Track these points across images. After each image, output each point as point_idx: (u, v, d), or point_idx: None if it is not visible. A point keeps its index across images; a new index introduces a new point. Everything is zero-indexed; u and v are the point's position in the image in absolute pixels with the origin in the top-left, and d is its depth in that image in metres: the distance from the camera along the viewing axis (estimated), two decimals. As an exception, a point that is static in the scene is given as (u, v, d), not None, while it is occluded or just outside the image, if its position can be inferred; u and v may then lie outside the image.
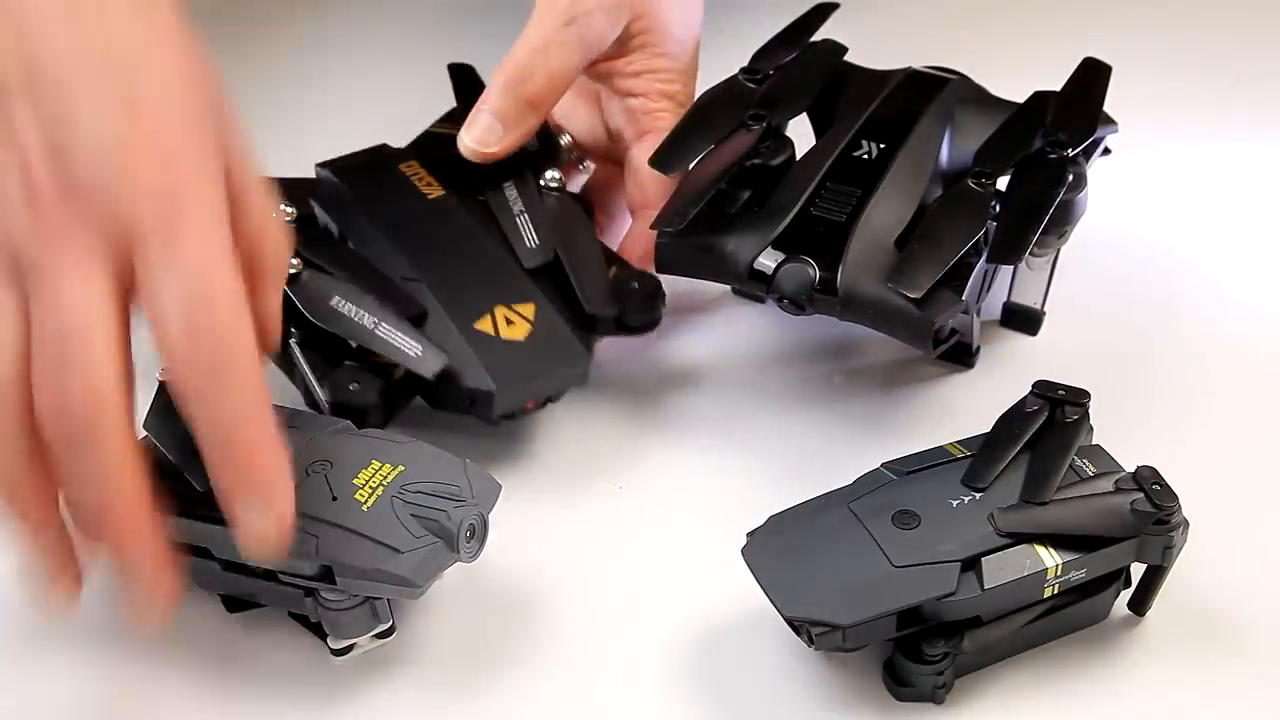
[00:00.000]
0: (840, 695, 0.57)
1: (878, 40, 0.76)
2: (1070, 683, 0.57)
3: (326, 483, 0.56)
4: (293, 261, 0.63)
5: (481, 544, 0.56)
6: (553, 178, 0.69)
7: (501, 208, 0.68)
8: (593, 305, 0.66)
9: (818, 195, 0.65)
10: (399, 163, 0.70)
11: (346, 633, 0.57)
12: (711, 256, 0.64)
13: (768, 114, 0.68)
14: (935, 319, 0.61)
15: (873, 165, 0.66)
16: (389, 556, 0.54)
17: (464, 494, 0.56)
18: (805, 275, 0.62)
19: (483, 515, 0.56)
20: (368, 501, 0.55)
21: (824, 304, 0.63)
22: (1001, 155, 0.66)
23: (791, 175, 0.66)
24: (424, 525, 0.55)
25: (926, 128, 0.67)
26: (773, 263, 0.63)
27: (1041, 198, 0.64)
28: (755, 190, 0.66)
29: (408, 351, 0.62)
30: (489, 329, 0.63)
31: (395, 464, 0.57)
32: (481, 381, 0.62)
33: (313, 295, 0.63)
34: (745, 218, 0.65)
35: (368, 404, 0.62)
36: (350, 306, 0.63)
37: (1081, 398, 0.60)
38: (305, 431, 0.58)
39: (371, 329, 0.62)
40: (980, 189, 0.64)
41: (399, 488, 0.56)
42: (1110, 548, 0.55)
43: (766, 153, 0.67)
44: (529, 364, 0.63)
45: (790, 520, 0.57)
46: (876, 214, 0.64)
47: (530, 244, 0.67)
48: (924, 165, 0.66)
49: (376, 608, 0.56)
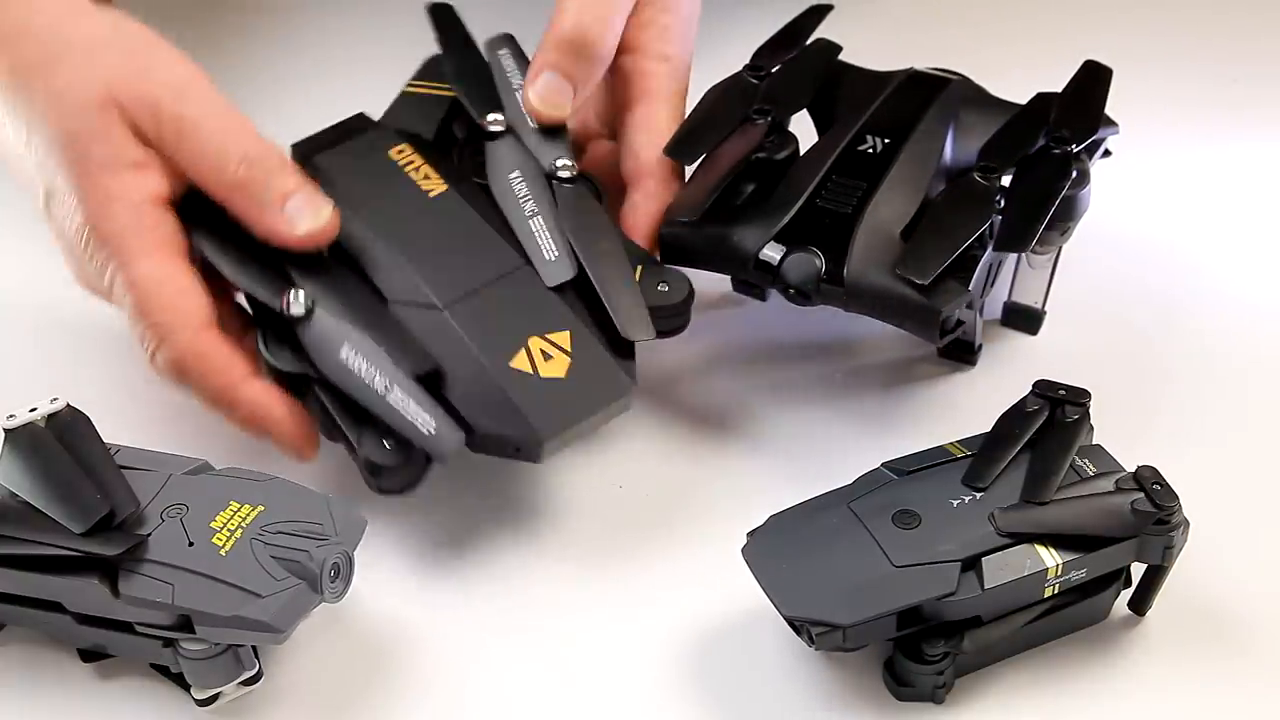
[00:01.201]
0: (840, 695, 0.57)
1: (877, 41, 0.76)
2: (1070, 683, 0.57)
3: (182, 527, 0.55)
4: (299, 299, 0.59)
5: (347, 583, 0.55)
6: (563, 165, 0.65)
7: (511, 208, 0.64)
8: (631, 331, 0.61)
9: (823, 188, 0.65)
10: (387, 147, 0.66)
11: (210, 682, 0.55)
12: (718, 248, 0.64)
13: (771, 109, 0.68)
14: (942, 308, 0.61)
15: (878, 159, 0.66)
16: (249, 601, 0.52)
17: (327, 532, 0.54)
18: (812, 265, 0.63)
19: (347, 553, 0.54)
20: (226, 545, 0.54)
21: (830, 294, 0.63)
22: (1006, 151, 0.66)
23: (796, 169, 0.66)
24: (285, 567, 0.53)
25: (930, 124, 0.67)
26: (778, 254, 0.63)
27: (1048, 189, 0.64)
28: (760, 184, 0.66)
29: (421, 429, 0.57)
30: (526, 366, 0.59)
31: (255, 504, 0.55)
32: (527, 431, 0.58)
33: (322, 344, 0.58)
34: (751, 210, 0.65)
35: (403, 463, 0.58)
36: (361, 363, 0.58)
37: (1082, 397, 0.60)
38: (159, 472, 0.57)
39: (382, 395, 0.57)
40: (985, 182, 0.64)
41: (259, 529, 0.54)
42: (1110, 547, 0.55)
43: (771, 147, 0.67)
44: (575, 405, 0.59)
45: (790, 520, 0.57)
46: (882, 206, 0.64)
47: (549, 256, 0.62)
48: (929, 160, 0.66)
49: (240, 655, 0.55)
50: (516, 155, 0.66)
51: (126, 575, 0.54)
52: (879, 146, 0.66)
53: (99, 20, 0.63)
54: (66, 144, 0.60)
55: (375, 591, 0.60)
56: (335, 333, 0.58)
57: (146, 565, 0.54)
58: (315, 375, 0.58)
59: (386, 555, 0.60)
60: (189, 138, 0.60)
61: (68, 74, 0.60)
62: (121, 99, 0.60)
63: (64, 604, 0.55)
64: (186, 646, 0.54)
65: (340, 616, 0.59)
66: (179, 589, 0.53)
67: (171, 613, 0.53)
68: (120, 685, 0.58)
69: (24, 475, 0.56)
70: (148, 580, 0.53)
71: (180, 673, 0.56)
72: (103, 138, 0.60)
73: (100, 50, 0.61)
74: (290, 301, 0.59)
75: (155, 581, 0.53)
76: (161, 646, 0.55)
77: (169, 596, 0.53)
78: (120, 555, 0.53)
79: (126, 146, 0.60)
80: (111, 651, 0.57)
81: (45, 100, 0.61)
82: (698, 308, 0.63)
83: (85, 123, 0.60)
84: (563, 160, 0.65)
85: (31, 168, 0.62)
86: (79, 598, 0.54)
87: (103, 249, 0.60)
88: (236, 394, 0.59)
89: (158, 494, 0.56)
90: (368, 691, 0.57)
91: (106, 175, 0.60)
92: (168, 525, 0.55)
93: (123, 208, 0.60)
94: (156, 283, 0.59)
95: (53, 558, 0.54)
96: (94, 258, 0.60)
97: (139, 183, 0.60)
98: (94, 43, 0.61)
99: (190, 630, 0.54)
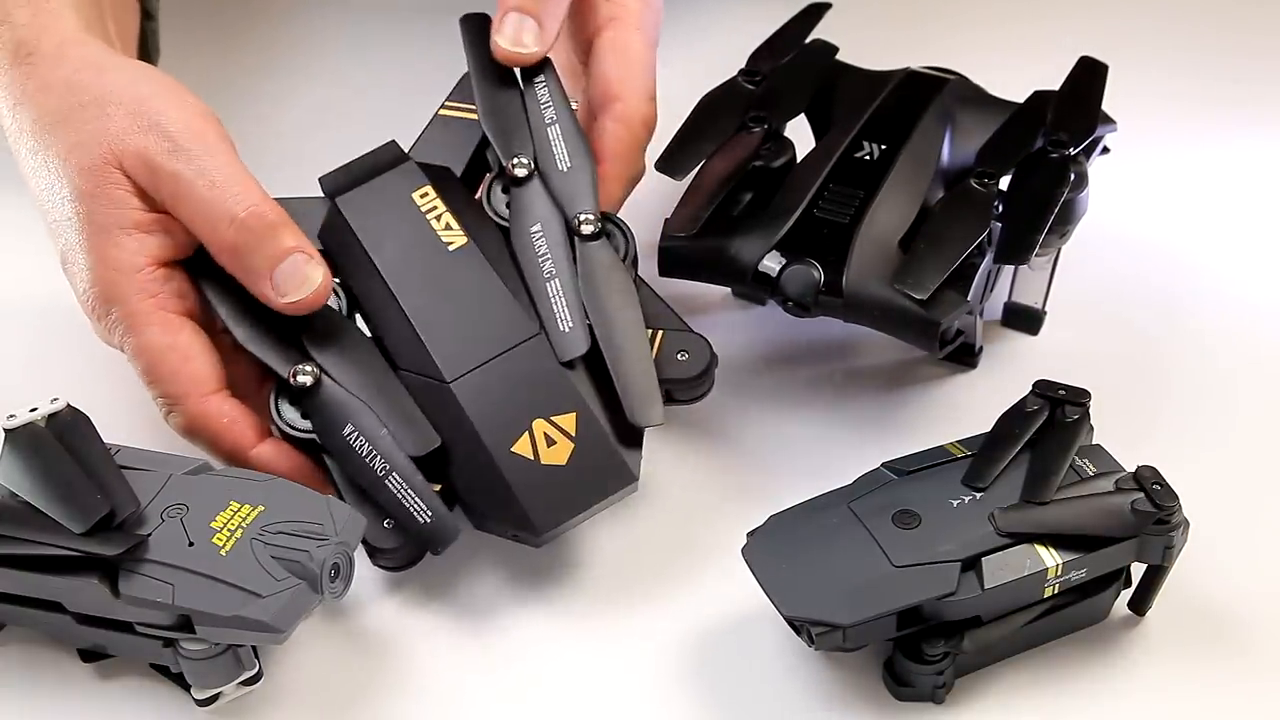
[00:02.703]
0: (840, 695, 0.57)
1: (873, 40, 0.76)
2: (1070, 683, 0.57)
3: (182, 527, 0.55)
4: (306, 371, 0.59)
5: (347, 583, 0.54)
6: (585, 219, 0.62)
7: (530, 267, 0.62)
8: (639, 417, 0.59)
9: (820, 197, 0.64)
10: (411, 188, 0.63)
11: (210, 682, 0.55)
12: (716, 260, 0.64)
13: (767, 115, 0.67)
14: (941, 320, 0.61)
15: (875, 166, 0.65)
16: (249, 602, 0.52)
17: (326, 531, 0.54)
18: (810, 277, 0.62)
19: (347, 552, 0.54)
20: (226, 545, 0.54)
21: (829, 306, 0.63)
22: (1003, 155, 0.66)
23: (793, 177, 0.66)
24: (286, 567, 0.53)
25: (927, 128, 0.67)
26: (777, 265, 0.63)
27: (1046, 198, 0.64)
28: (757, 192, 0.66)
29: (416, 517, 0.57)
30: (527, 451, 0.58)
31: (255, 504, 0.55)
32: (523, 519, 0.57)
33: (327, 419, 0.58)
34: (748, 221, 0.65)
35: (400, 545, 0.58)
36: (363, 443, 0.58)
37: (1082, 397, 0.60)
38: (159, 472, 0.57)
39: (381, 478, 0.57)
40: (983, 189, 0.64)
41: (259, 529, 0.54)
42: (1110, 548, 0.55)
43: (768, 155, 0.67)
44: (573, 494, 0.58)
45: (790, 520, 0.57)
46: (880, 215, 0.64)
47: (565, 327, 0.60)
48: (926, 165, 0.66)
49: (240, 655, 0.55)
50: (540, 206, 0.63)
51: (127, 575, 0.54)
52: (876, 153, 0.66)
53: (120, 74, 0.62)
54: (75, 203, 0.60)
55: (375, 591, 0.59)
56: (340, 409, 0.58)
57: (146, 565, 0.54)
58: (322, 444, 0.59)
59: (386, 555, 0.60)
60: (183, 199, 0.59)
61: (79, 131, 0.60)
62: (123, 158, 0.60)
63: (64, 604, 0.55)
64: (186, 646, 0.54)
65: (340, 616, 0.59)
66: (179, 589, 0.53)
67: (172, 613, 0.53)
68: (120, 685, 0.58)
69: (24, 475, 0.56)
70: (148, 580, 0.53)
71: (180, 673, 0.56)
72: (105, 199, 0.60)
73: (112, 106, 0.60)
74: (297, 373, 0.59)
75: (155, 581, 0.53)
76: (161, 646, 0.55)
77: (169, 596, 0.53)
78: (120, 555, 0.53)
79: (127, 208, 0.60)
80: (111, 651, 0.57)
81: (60, 157, 0.60)
82: (699, 310, 0.63)
83: (90, 183, 0.60)
84: (586, 213, 0.63)
85: (50, 225, 0.62)
86: (79, 598, 0.54)
87: (108, 314, 0.60)
88: (246, 458, 0.59)
89: (158, 494, 0.56)
90: (368, 691, 0.57)
91: (108, 240, 0.60)
92: (168, 525, 0.55)
93: (124, 275, 0.59)
94: (160, 352, 0.59)
95: (53, 558, 0.54)
96: (102, 320, 0.60)
97: (140, 246, 0.60)
98: (108, 98, 0.61)
99: (190, 630, 0.54)
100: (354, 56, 0.86)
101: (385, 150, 0.65)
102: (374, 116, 0.69)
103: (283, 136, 0.72)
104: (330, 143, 0.68)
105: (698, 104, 0.70)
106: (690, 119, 0.69)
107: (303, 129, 0.79)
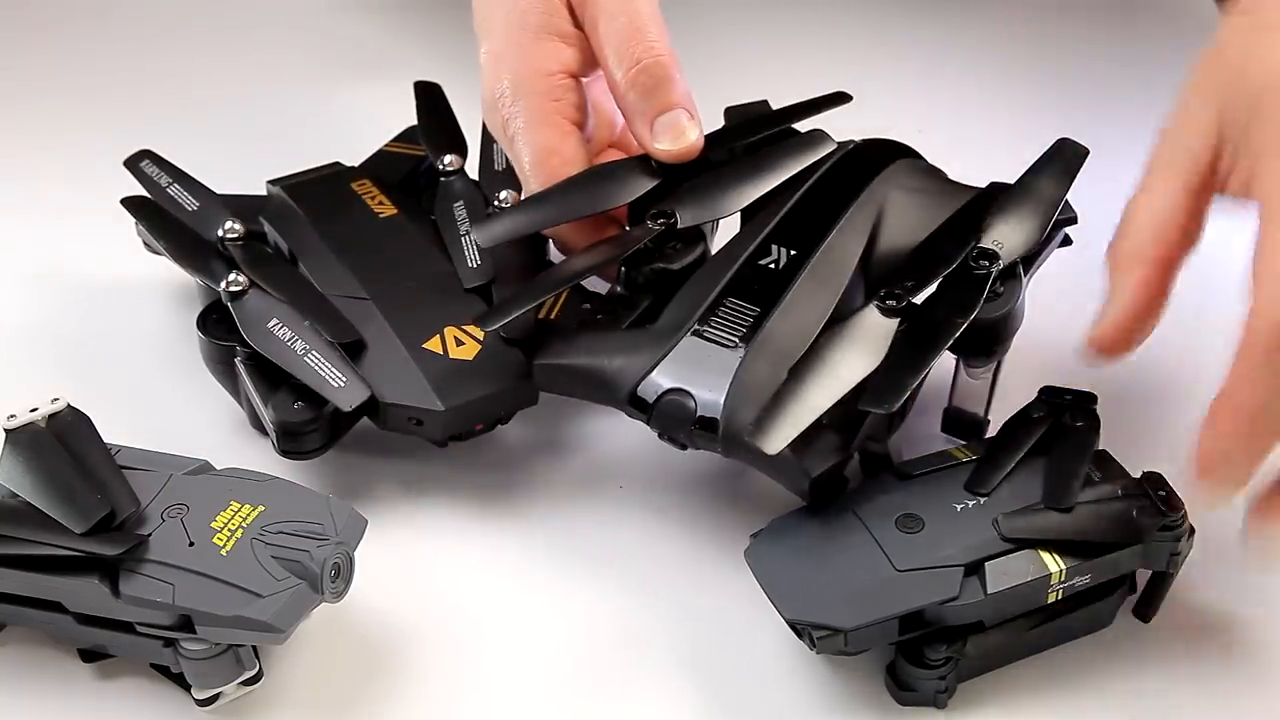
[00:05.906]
0: (842, 699, 0.57)
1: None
2: (1074, 689, 0.57)
3: (183, 527, 0.55)
4: (238, 279, 0.63)
5: (348, 583, 0.55)
6: (506, 198, 0.67)
7: (449, 226, 0.67)
8: (510, 331, 0.61)
9: (712, 313, 0.59)
10: (351, 181, 0.70)
11: (210, 682, 0.55)
12: (592, 378, 0.60)
13: (674, 211, 0.62)
14: (812, 471, 0.56)
15: (778, 276, 0.60)
16: (249, 602, 0.53)
17: (327, 531, 0.54)
18: (685, 410, 0.57)
19: (348, 552, 0.55)
20: (226, 545, 0.54)
21: (704, 441, 0.57)
22: (924, 269, 0.59)
23: (689, 286, 0.60)
24: (286, 567, 0.53)
25: (847, 229, 0.61)
26: (655, 393, 0.58)
27: (931, 339, 0.56)
28: (657, 297, 0.61)
29: (330, 382, 0.60)
30: (437, 348, 0.62)
31: (255, 504, 0.55)
32: (428, 401, 0.60)
33: (251, 316, 0.62)
34: (634, 335, 0.60)
35: (309, 422, 0.60)
36: (285, 331, 0.62)
37: (1088, 402, 0.59)
38: (159, 473, 0.57)
39: (301, 356, 0.61)
40: (884, 312, 0.57)
41: (259, 529, 0.54)
42: (1115, 554, 0.55)
43: (670, 254, 0.62)
44: (478, 383, 0.61)
45: (793, 523, 0.57)
46: (772, 339, 0.58)
47: (472, 264, 0.65)
48: (836, 278, 0.59)
49: (240, 655, 0.55)
50: (464, 189, 0.69)
51: (127, 575, 0.54)
52: (783, 259, 0.61)
53: None
54: (511, 5, 0.66)
55: (375, 591, 0.59)
56: (266, 308, 0.63)
57: (147, 565, 0.54)
58: (241, 350, 0.62)
59: (386, 555, 0.60)
60: (599, 31, 0.64)
61: None
62: None
63: (64, 604, 0.55)
64: (187, 646, 0.54)
65: (340, 616, 0.59)
66: (179, 589, 0.53)
67: (172, 613, 0.53)
68: (120, 685, 0.57)
69: (24, 475, 0.56)
70: (148, 580, 0.53)
71: (180, 673, 0.56)
72: (543, 6, 0.65)
73: None
74: (230, 282, 0.63)
75: (156, 581, 0.53)
76: (162, 646, 0.55)
77: (169, 596, 0.53)
78: (120, 555, 0.53)
79: (557, 18, 0.65)
80: (112, 651, 0.57)
81: None
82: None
83: None
84: (508, 193, 0.67)
85: (479, 21, 0.67)
86: (79, 598, 0.54)
87: (514, 104, 0.64)
88: None
89: (158, 494, 0.56)
90: (368, 691, 0.57)
91: (535, 40, 0.65)
92: (168, 525, 0.55)
93: (539, 75, 0.65)
94: (546, 152, 0.64)
95: (53, 558, 0.54)
96: (505, 110, 0.65)
97: (558, 54, 0.65)
98: None
99: (191, 630, 0.54)
100: (302, 78, 0.87)
101: (330, 165, 0.72)
102: (319, 139, 0.73)
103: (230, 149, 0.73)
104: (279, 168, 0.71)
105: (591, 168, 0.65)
106: (580, 175, 0.64)
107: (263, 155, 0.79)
